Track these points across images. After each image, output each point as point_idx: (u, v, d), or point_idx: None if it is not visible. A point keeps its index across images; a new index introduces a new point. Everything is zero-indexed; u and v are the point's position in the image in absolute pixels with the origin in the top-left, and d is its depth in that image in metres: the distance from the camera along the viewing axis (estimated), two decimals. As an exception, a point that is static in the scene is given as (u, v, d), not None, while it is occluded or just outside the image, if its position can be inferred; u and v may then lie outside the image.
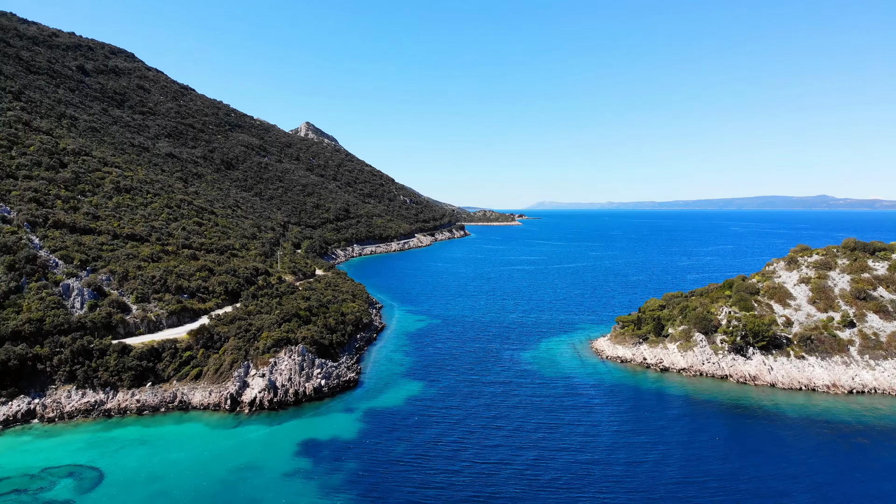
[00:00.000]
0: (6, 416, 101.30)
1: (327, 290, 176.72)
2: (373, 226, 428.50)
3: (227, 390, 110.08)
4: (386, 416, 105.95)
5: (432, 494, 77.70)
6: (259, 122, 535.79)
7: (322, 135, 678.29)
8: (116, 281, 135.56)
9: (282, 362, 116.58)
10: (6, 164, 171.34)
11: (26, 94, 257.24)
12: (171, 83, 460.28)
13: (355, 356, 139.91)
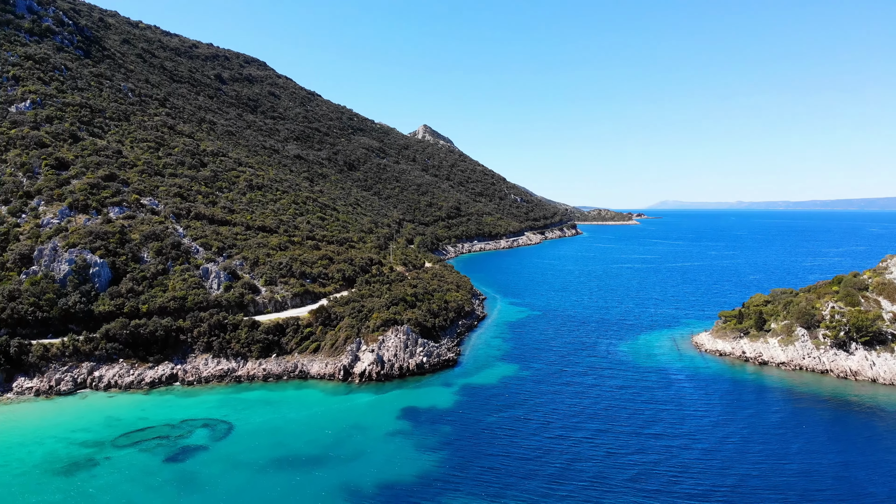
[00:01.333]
0: (153, 379, 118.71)
1: (433, 281, 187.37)
2: (482, 223, 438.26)
3: (341, 362, 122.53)
4: (480, 391, 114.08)
5: (514, 462, 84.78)
6: (379, 125, 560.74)
7: (438, 136, 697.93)
8: (248, 266, 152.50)
9: (388, 340, 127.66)
10: (155, 164, 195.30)
11: (171, 100, 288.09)
12: (299, 90, 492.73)
13: (456, 339, 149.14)
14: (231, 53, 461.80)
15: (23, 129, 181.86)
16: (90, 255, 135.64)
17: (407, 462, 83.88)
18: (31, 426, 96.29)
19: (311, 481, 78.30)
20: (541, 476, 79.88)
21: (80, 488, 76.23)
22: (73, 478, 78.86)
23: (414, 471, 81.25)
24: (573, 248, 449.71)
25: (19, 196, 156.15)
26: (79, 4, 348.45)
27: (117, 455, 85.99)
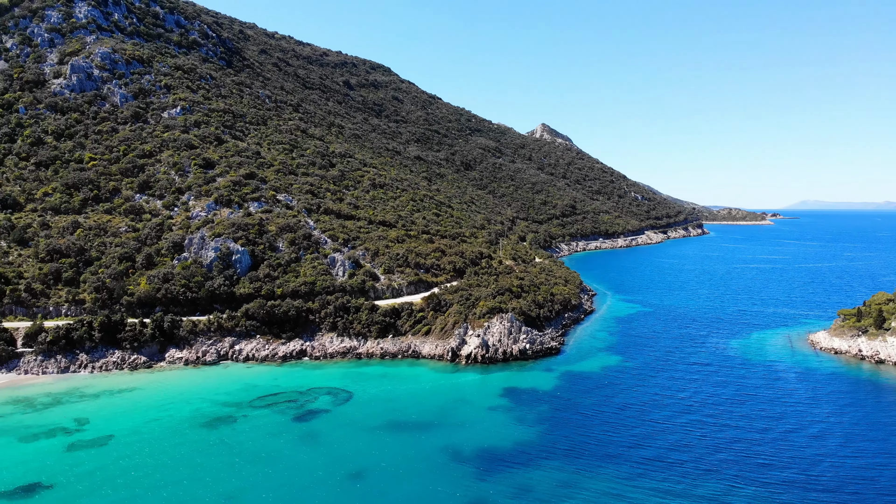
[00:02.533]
0: (285, 353, 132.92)
1: (541, 274, 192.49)
2: (599, 221, 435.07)
3: (449, 345, 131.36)
4: (580, 378, 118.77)
5: (606, 442, 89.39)
6: (496, 125, 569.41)
7: (556, 135, 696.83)
8: (370, 256, 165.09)
9: (493, 326, 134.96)
10: (289, 164, 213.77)
11: (303, 106, 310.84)
12: (420, 93, 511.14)
13: (560, 330, 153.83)
14: (358, 60, 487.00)
15: (174, 133, 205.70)
16: (233, 244, 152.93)
17: (505, 433, 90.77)
18: (180, 389, 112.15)
19: (418, 442, 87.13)
20: (632, 459, 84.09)
21: (221, 438, 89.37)
22: (215, 430, 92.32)
23: (510, 440, 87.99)
24: (696, 248, 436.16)
25: (172, 192, 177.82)
26: (221, 18, 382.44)
27: (253, 414, 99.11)
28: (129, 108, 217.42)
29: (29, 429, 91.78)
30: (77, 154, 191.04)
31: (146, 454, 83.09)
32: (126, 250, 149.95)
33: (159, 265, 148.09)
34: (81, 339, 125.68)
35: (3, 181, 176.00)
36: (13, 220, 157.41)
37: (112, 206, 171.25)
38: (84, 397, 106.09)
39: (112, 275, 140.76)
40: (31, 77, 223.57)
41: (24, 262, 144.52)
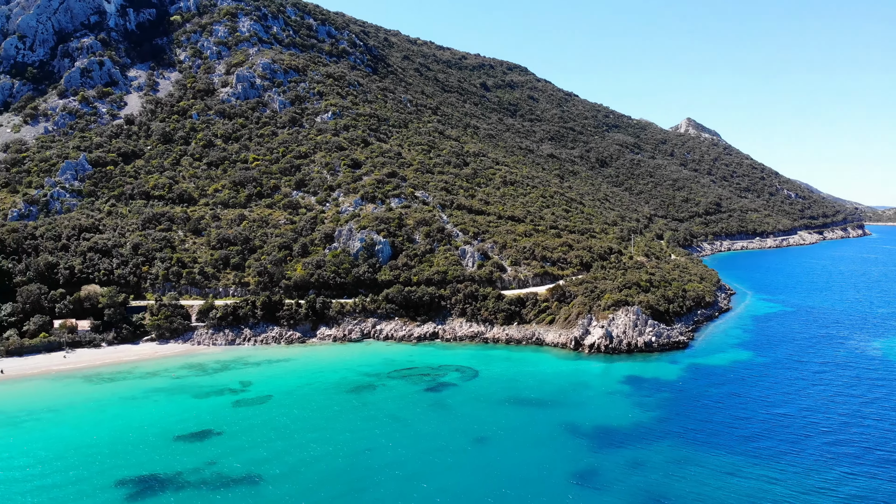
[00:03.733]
0: (419, 334, 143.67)
1: (674, 271, 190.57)
2: (746, 220, 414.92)
3: (573, 334, 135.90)
4: (706, 370, 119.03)
5: (723, 429, 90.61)
6: (636, 121, 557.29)
7: (702, 130, 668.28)
8: (498, 249, 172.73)
9: (619, 318, 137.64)
10: (427, 163, 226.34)
11: (441, 108, 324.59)
12: (556, 91, 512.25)
13: (691, 326, 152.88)
14: (495, 62, 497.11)
15: (326, 136, 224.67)
16: (376, 236, 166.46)
17: (621, 414, 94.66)
18: (329, 361, 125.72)
19: (536, 415, 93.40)
20: (746, 445, 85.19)
21: (363, 400, 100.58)
22: (357, 395, 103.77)
23: (627, 421, 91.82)
24: (853, 250, 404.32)
25: (325, 189, 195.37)
26: (367, 27, 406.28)
27: (390, 383, 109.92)
28: (287, 114, 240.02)
29: (202, 388, 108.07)
30: (242, 155, 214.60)
31: (298, 411, 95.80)
32: (284, 240, 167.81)
33: (313, 253, 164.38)
34: (246, 316, 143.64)
35: (181, 179, 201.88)
36: (189, 213, 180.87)
37: (273, 202, 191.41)
38: (247, 365, 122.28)
39: (272, 261, 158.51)
40: (202, 86, 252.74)
41: (199, 249, 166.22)
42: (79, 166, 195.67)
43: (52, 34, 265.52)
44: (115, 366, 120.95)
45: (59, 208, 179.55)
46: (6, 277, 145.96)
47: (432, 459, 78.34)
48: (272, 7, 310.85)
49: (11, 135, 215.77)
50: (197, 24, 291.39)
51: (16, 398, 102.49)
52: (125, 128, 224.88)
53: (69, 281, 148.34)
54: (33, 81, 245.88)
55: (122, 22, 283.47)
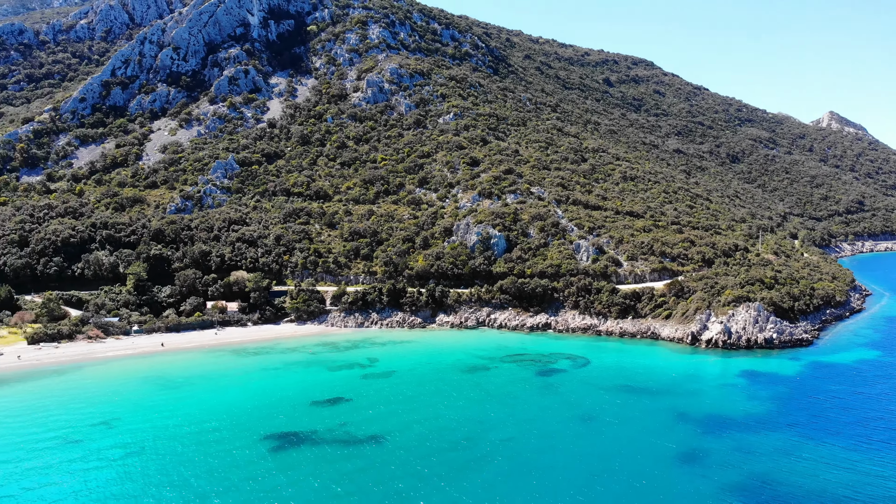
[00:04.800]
0: (532, 325, 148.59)
1: (803, 269, 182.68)
2: (892, 220, 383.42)
3: (689, 329, 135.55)
4: (827, 367, 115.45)
5: (835, 422, 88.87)
6: (772, 115, 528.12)
7: (846, 124, 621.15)
8: (614, 244, 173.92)
9: (738, 314, 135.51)
10: (543, 160, 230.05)
11: (561, 106, 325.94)
12: (684, 85, 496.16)
13: (817, 325, 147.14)
14: (619, 57, 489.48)
15: (447, 136, 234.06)
16: (492, 230, 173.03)
17: (733, 404, 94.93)
18: (446, 344, 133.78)
19: (644, 401, 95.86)
20: (858, 439, 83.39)
21: (476, 379, 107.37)
22: (471, 374, 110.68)
23: (737, 411, 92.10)
24: None
25: (445, 186, 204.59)
26: (490, 28, 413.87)
27: (502, 366, 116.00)
28: (412, 116, 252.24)
29: (335, 363, 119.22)
30: (372, 155, 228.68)
31: (417, 385, 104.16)
32: (408, 233, 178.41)
33: (433, 246, 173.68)
34: (373, 301, 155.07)
35: (317, 177, 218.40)
36: (324, 208, 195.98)
37: (398, 198, 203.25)
38: (374, 344, 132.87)
39: (397, 252, 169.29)
40: (336, 91, 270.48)
41: (333, 241, 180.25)
42: (228, 166, 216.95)
43: (203, 45, 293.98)
44: (259, 342, 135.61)
45: (211, 203, 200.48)
46: (166, 263, 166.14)
47: (537, 430, 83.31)
48: (399, 14, 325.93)
49: (169, 137, 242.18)
50: (331, 32, 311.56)
51: (175, 367, 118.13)
52: (268, 131, 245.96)
53: (220, 267, 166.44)
54: (187, 89, 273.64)
55: (264, 33, 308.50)
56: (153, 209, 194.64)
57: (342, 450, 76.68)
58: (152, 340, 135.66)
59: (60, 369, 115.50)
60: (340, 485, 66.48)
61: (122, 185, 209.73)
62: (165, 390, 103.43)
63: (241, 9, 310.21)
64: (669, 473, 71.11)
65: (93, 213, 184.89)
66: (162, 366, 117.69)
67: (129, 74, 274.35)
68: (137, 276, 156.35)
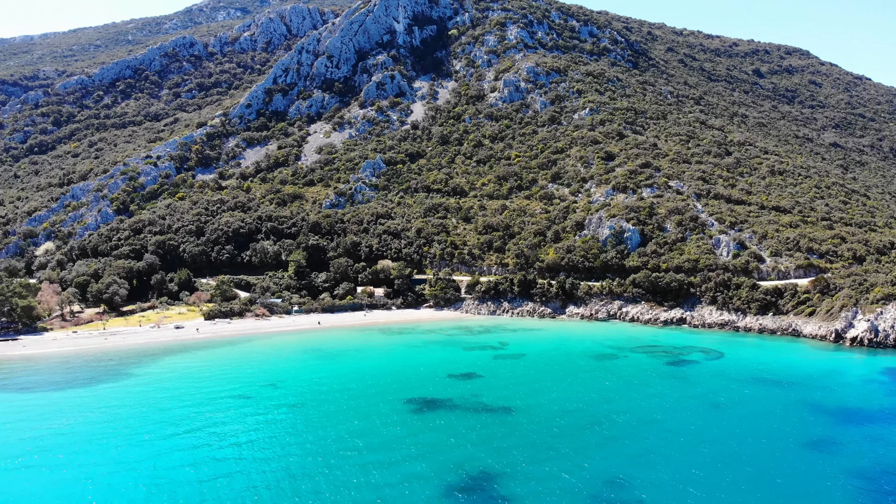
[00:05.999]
0: (665, 319, 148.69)
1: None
2: None
3: (833, 326, 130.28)
4: None
5: None
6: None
7: None
8: (757, 239, 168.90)
9: (888, 312, 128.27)
10: (683, 153, 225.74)
11: (705, 98, 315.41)
12: (843, 75, 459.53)
13: None
14: (771, 47, 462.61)
15: (582, 131, 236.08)
16: (625, 224, 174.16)
17: (872, 400, 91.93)
18: (576, 333, 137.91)
19: (778, 393, 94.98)
20: None
21: (603, 365, 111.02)
22: (598, 361, 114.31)
23: (876, 405, 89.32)
24: None
25: (577, 181, 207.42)
26: (630, 22, 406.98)
27: (632, 356, 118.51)
28: (547, 113, 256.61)
29: (469, 344, 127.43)
30: (506, 153, 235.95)
31: (546, 367, 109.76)
32: (539, 227, 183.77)
33: (564, 239, 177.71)
34: (505, 291, 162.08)
35: (455, 175, 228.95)
36: (461, 204, 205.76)
37: (530, 193, 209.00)
38: (505, 330, 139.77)
39: (528, 245, 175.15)
40: (474, 93, 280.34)
41: (468, 234, 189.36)
42: (375, 165, 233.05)
43: (353, 53, 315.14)
44: (402, 324, 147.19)
45: (361, 199, 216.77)
46: (322, 253, 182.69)
47: (663, 413, 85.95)
48: (538, 13, 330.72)
49: (324, 139, 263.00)
50: (471, 35, 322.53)
51: (329, 341, 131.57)
52: (411, 132, 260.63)
53: (368, 256, 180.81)
54: (339, 94, 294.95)
55: (408, 39, 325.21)
56: (311, 204, 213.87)
57: (474, 415, 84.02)
58: (310, 319, 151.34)
59: (232, 341, 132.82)
60: (473, 444, 73.63)
61: (283, 182, 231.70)
62: (321, 360, 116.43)
63: (388, 17, 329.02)
64: (794, 456, 71.77)
65: (259, 207, 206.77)
66: (318, 340, 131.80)
67: (288, 82, 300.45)
68: (297, 263, 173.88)
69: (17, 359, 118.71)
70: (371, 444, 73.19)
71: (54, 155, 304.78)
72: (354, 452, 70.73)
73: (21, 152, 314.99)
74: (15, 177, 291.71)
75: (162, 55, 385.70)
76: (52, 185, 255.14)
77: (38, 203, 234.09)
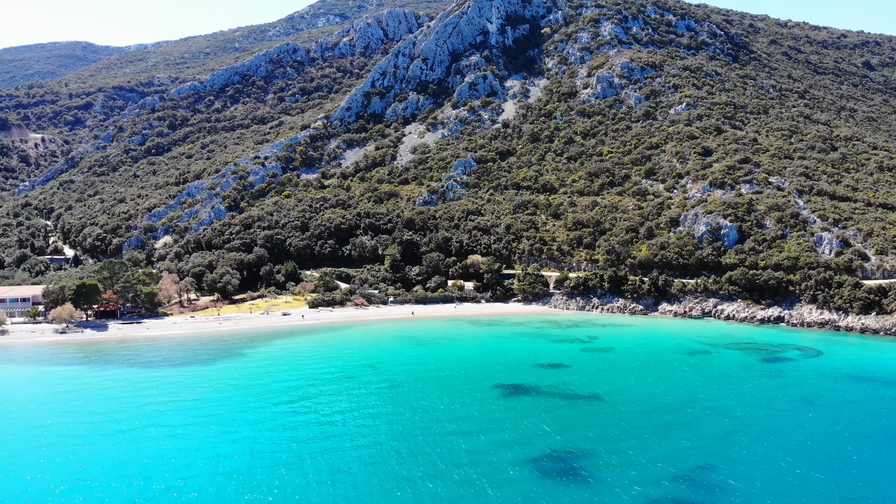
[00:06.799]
0: (762, 317, 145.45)
1: None
2: None
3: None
4: None
5: None
6: None
7: None
8: (862, 237, 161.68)
9: None
10: (785, 149, 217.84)
11: (810, 92, 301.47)
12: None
13: None
14: (882, 38, 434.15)
15: (678, 126, 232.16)
16: (722, 220, 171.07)
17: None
18: (667, 330, 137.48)
19: (876, 390, 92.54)
20: None
21: (694, 361, 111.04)
22: (689, 357, 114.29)
23: None
24: None
25: (673, 177, 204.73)
26: (731, 15, 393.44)
27: (724, 352, 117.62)
28: (641, 108, 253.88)
29: (557, 337, 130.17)
30: (598, 149, 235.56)
31: (635, 360, 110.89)
32: (631, 224, 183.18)
33: (657, 236, 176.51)
34: (594, 287, 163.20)
35: (545, 172, 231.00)
36: (550, 200, 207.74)
37: (622, 190, 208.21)
38: (594, 325, 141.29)
39: (620, 241, 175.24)
40: (566, 90, 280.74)
41: (557, 230, 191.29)
42: (467, 163, 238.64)
43: (447, 55, 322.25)
44: (491, 316, 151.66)
45: (452, 196, 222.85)
46: (416, 247, 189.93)
47: (753, 406, 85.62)
48: (633, 9, 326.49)
49: (418, 140, 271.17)
50: (563, 33, 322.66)
51: (422, 329, 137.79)
52: (502, 130, 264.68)
53: (458, 251, 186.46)
54: (433, 96, 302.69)
55: (501, 39, 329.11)
56: (405, 202, 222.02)
57: (560, 400, 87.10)
58: (404, 309, 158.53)
59: (334, 327, 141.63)
60: (557, 424, 76.83)
61: (380, 181, 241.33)
62: (415, 346, 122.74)
63: (481, 18, 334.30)
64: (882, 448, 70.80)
65: (357, 204, 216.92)
66: (412, 328, 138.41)
67: (385, 85, 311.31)
68: (392, 257, 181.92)
69: (142, 339, 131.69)
70: (460, 419, 77.93)
71: (170, 156, 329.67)
72: (445, 424, 75.87)
73: (140, 153, 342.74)
74: (134, 176, 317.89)
75: (267, 61, 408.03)
76: (168, 183, 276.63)
77: (157, 200, 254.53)
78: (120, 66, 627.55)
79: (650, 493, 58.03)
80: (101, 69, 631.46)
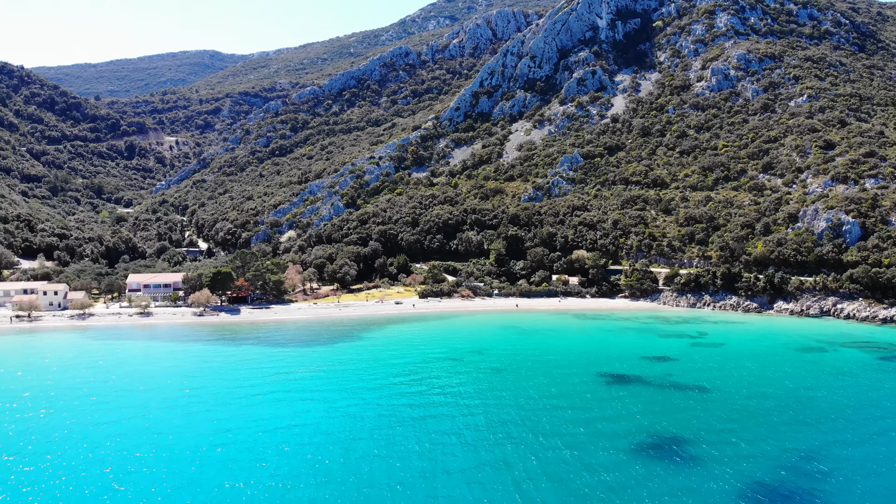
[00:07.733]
0: (885, 317, 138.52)
1: None
2: None
3: None
4: None
5: None
6: None
7: None
8: None
9: None
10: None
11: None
12: None
13: None
14: None
15: (799, 119, 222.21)
16: (844, 216, 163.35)
17: None
18: (781, 328, 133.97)
19: None
20: None
21: (809, 358, 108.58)
22: (802, 353, 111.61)
23: None
24: None
25: (792, 171, 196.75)
26: (857, 3, 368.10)
27: (841, 350, 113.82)
28: (759, 101, 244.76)
29: (665, 332, 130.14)
30: (712, 143, 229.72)
31: (746, 356, 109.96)
32: (747, 219, 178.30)
33: (774, 232, 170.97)
34: (706, 284, 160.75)
35: (655, 166, 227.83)
36: (661, 195, 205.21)
37: (738, 184, 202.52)
38: (705, 322, 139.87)
39: (734, 238, 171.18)
40: (679, 83, 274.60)
41: (667, 226, 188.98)
42: (573, 159, 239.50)
43: (556, 52, 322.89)
44: (596, 311, 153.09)
45: (558, 192, 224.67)
46: (520, 242, 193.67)
47: (869, 403, 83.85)
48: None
49: (524, 137, 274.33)
50: (676, 26, 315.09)
51: (526, 320, 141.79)
52: (610, 125, 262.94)
53: (563, 246, 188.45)
54: (540, 93, 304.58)
55: (611, 34, 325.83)
56: (510, 198, 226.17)
57: (664, 391, 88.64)
58: (508, 302, 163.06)
59: (442, 316, 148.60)
60: (660, 413, 78.69)
61: (486, 178, 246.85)
62: (519, 335, 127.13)
63: (590, 13, 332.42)
64: None
65: (464, 201, 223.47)
66: (516, 319, 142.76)
67: (493, 84, 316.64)
68: (497, 251, 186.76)
69: (271, 322, 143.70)
70: (563, 403, 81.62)
71: (292, 157, 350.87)
72: (548, 407, 79.89)
73: (265, 154, 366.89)
74: (260, 175, 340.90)
75: (381, 65, 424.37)
76: (291, 182, 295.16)
77: (282, 198, 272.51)
78: (245, 73, 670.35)
79: (750, 480, 59.42)
80: (228, 76, 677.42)
